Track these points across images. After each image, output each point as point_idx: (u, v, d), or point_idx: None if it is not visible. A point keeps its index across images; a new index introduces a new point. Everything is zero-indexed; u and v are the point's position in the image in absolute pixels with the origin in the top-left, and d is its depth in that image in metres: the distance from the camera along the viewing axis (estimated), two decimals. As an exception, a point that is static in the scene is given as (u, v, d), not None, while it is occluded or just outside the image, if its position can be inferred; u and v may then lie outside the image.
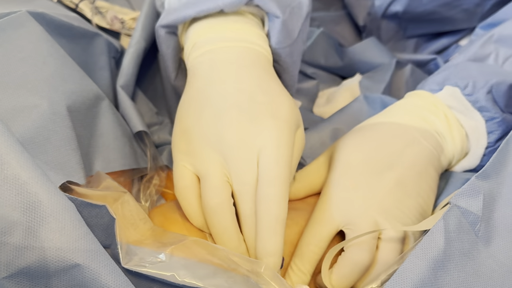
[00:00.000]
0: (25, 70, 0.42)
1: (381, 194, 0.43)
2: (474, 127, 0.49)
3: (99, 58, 0.54)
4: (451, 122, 0.49)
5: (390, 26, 0.73)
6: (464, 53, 0.56)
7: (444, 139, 0.48)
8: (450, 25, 0.71)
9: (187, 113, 0.44)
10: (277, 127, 0.41)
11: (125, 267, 0.35)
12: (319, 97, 0.68)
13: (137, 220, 0.40)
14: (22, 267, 0.32)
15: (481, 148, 0.49)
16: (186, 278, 0.34)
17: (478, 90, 0.49)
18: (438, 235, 0.35)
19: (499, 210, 0.38)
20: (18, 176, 0.33)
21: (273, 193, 0.38)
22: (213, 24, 0.47)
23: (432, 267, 0.34)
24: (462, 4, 0.68)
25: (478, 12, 0.68)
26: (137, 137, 0.52)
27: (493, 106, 0.48)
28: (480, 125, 0.49)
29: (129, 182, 0.50)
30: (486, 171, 0.39)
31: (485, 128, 0.48)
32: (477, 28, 0.64)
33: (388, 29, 0.73)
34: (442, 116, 0.49)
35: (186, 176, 0.43)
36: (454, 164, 0.50)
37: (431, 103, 0.50)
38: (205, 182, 0.41)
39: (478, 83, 0.49)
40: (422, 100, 0.51)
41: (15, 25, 0.44)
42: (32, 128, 0.38)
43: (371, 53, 0.69)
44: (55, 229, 0.32)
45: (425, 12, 0.69)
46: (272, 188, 0.39)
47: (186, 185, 0.42)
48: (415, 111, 0.49)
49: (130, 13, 0.70)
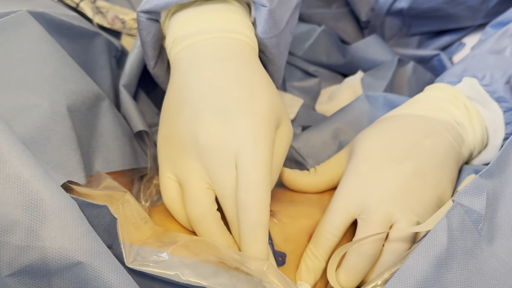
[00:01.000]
0: (25, 69, 0.42)
1: (398, 185, 0.43)
2: (492, 118, 0.49)
3: (100, 57, 0.54)
4: (471, 113, 0.49)
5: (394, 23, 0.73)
6: (480, 48, 0.56)
7: (465, 130, 0.48)
8: (454, 23, 0.71)
9: (167, 116, 0.42)
10: (254, 126, 0.39)
11: (129, 267, 0.34)
12: (321, 95, 0.68)
13: (138, 220, 0.40)
14: (24, 265, 0.32)
15: (499, 139, 0.49)
16: (190, 277, 0.34)
17: (496, 80, 0.49)
18: (441, 233, 0.35)
19: (502, 209, 0.38)
20: (19, 174, 0.32)
21: (251, 199, 0.37)
22: (195, 14, 0.45)
23: (435, 265, 0.34)
24: (467, 1, 0.68)
25: (483, 9, 0.68)
26: (138, 136, 0.52)
27: (511, 97, 0.48)
28: (498, 116, 0.48)
29: (129, 182, 0.50)
30: (490, 170, 0.39)
31: (503, 119, 0.48)
32: (488, 27, 0.64)
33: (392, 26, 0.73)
34: (462, 107, 0.49)
35: (171, 188, 0.42)
36: (475, 155, 0.50)
37: (451, 95, 0.50)
38: (186, 193, 0.40)
39: (496, 74, 0.49)
40: (442, 92, 0.51)
41: (15, 25, 0.44)
42: (33, 128, 0.38)
43: (373, 50, 0.69)
44: (57, 227, 0.32)
45: (430, 9, 0.69)
46: (250, 194, 0.37)
47: (171, 198, 0.42)
48: (436, 103, 0.49)
49: (131, 13, 0.70)
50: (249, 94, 0.41)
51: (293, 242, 0.45)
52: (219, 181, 0.39)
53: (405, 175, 0.44)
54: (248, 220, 0.37)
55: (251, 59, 0.44)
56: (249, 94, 0.41)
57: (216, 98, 0.40)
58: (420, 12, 0.70)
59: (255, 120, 0.39)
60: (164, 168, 0.42)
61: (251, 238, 0.38)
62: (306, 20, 0.75)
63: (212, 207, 0.40)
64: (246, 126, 0.39)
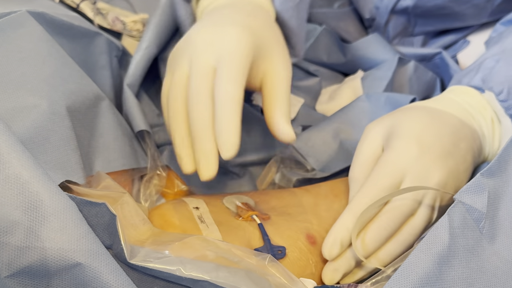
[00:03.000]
0: (24, 70, 0.42)
1: (440, 177, 0.44)
2: (503, 133, 0.49)
3: (100, 57, 0.54)
4: (495, 128, 0.50)
5: (399, 21, 0.72)
6: (500, 44, 0.55)
7: (485, 142, 0.50)
8: (459, 21, 0.70)
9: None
10: (238, 33, 0.45)
11: (130, 263, 0.34)
12: (321, 95, 0.68)
13: (136, 221, 0.40)
14: (23, 266, 0.32)
15: None
16: (192, 272, 0.34)
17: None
18: (443, 230, 0.35)
19: (504, 208, 0.38)
20: (19, 175, 0.33)
21: (226, 75, 0.42)
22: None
23: (437, 261, 0.34)
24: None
25: (488, 7, 0.68)
26: (139, 136, 0.52)
27: None
28: (509, 132, 0.48)
29: (130, 181, 0.50)
30: (491, 169, 0.39)
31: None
32: (498, 24, 0.64)
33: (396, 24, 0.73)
34: (489, 120, 0.50)
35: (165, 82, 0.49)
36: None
37: (481, 105, 0.50)
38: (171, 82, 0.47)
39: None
40: (472, 99, 0.51)
41: (15, 25, 0.44)
42: (32, 128, 0.38)
43: (374, 49, 0.69)
44: (56, 228, 0.32)
45: (435, 7, 0.68)
46: (227, 85, 0.42)
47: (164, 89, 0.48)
48: (468, 109, 0.50)
49: (131, 15, 0.70)
50: (248, 18, 0.47)
51: (290, 238, 0.45)
52: (195, 64, 0.44)
53: (448, 173, 0.44)
54: (225, 94, 0.42)
55: (266, 17, 0.50)
56: (248, 18, 0.47)
57: (219, 16, 0.47)
58: (426, 11, 0.70)
59: (243, 29, 0.45)
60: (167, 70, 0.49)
61: (226, 111, 0.41)
62: (307, 19, 0.75)
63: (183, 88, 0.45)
64: (232, 31, 0.45)
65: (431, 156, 0.44)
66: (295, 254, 0.44)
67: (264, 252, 0.42)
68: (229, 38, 0.45)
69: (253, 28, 0.47)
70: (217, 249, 0.37)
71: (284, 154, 0.56)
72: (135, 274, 0.36)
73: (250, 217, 0.46)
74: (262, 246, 0.43)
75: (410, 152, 0.44)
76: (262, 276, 0.35)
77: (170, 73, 0.48)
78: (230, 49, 0.44)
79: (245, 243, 0.43)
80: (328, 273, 0.42)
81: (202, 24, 0.48)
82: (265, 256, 0.37)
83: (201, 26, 0.48)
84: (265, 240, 0.43)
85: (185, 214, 0.45)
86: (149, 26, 0.60)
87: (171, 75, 0.47)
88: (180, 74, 0.46)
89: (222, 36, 0.45)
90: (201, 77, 0.43)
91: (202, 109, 0.43)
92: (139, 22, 0.69)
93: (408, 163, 0.44)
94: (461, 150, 0.46)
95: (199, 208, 0.46)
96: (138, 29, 0.69)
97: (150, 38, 0.58)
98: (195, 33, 0.47)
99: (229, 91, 0.42)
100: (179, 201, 0.47)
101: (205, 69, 0.44)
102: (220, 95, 0.42)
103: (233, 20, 0.47)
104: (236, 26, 0.46)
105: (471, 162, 0.47)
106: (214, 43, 0.45)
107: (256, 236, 0.44)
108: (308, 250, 0.44)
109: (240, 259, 0.36)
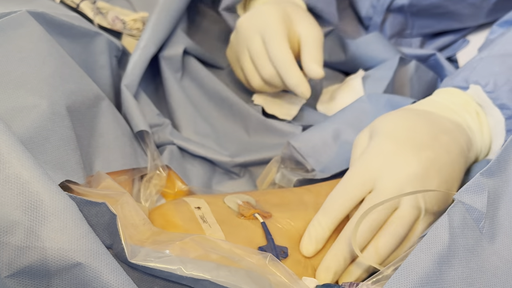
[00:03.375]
0: (24, 70, 0.42)
1: (417, 170, 0.44)
2: (494, 124, 0.50)
3: (100, 57, 0.54)
4: (481, 119, 0.50)
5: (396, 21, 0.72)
6: (489, 50, 0.56)
7: (474, 135, 0.50)
8: (456, 22, 0.70)
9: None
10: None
11: (130, 263, 0.34)
12: (322, 94, 0.68)
13: (136, 221, 0.40)
14: (23, 266, 0.32)
15: (498, 146, 0.49)
16: (193, 271, 0.34)
17: (499, 87, 0.49)
18: (443, 230, 0.35)
19: (504, 207, 0.38)
20: (19, 175, 0.32)
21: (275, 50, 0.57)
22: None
23: (437, 261, 0.34)
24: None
25: (484, 6, 0.68)
26: (138, 136, 0.52)
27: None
28: (500, 123, 0.49)
29: (130, 181, 0.50)
30: (491, 169, 0.39)
31: (504, 126, 0.49)
32: (494, 26, 0.64)
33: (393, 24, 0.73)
34: (474, 113, 0.50)
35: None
36: (480, 159, 0.51)
37: (464, 100, 0.51)
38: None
39: (500, 81, 0.49)
40: (454, 97, 0.52)
41: (15, 25, 0.44)
42: (31, 128, 0.38)
43: (375, 48, 0.69)
44: (56, 228, 0.32)
45: (431, 5, 0.68)
46: (275, 49, 0.57)
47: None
48: (450, 106, 0.51)
49: (131, 14, 0.70)
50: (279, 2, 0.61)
51: (292, 239, 0.45)
52: (250, 48, 0.59)
53: (425, 164, 0.45)
54: (280, 61, 0.56)
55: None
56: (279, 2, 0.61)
57: (258, 12, 0.60)
58: (421, 9, 0.70)
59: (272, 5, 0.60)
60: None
61: (287, 71, 0.56)
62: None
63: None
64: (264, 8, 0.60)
65: (406, 149, 0.45)
66: (297, 253, 0.44)
67: (268, 251, 0.42)
68: (263, 13, 0.59)
69: (280, 4, 0.60)
70: (218, 248, 0.37)
71: (284, 155, 0.56)
72: (135, 274, 0.36)
73: (252, 215, 0.46)
74: (265, 245, 0.43)
75: (384, 148, 0.46)
76: (263, 275, 0.35)
77: (235, 64, 0.63)
78: (268, 22, 0.58)
79: (248, 241, 0.43)
80: (321, 273, 0.43)
81: (244, 15, 0.62)
82: (266, 255, 0.37)
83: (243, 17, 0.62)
84: (268, 240, 0.43)
85: (187, 214, 0.45)
86: (148, 24, 0.60)
87: (237, 65, 0.63)
88: (247, 60, 0.60)
89: (258, 15, 0.60)
90: (257, 55, 0.58)
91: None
92: (139, 21, 0.69)
93: (383, 159, 0.45)
94: (442, 142, 0.46)
95: (200, 208, 0.46)
96: (138, 28, 0.69)
97: (148, 37, 0.58)
98: (239, 23, 0.61)
99: (279, 53, 0.57)
100: (180, 201, 0.47)
101: (258, 47, 0.58)
102: (275, 59, 0.57)
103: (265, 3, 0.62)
104: (267, 4, 0.60)
105: (458, 154, 0.47)
106: (255, 23, 0.59)
107: (259, 234, 0.44)
108: None
109: (241, 258, 0.36)
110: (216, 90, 0.61)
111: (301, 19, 0.60)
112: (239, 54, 0.61)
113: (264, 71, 0.58)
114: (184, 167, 0.54)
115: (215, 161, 0.56)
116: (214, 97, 0.61)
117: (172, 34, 0.62)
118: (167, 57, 0.60)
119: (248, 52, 0.60)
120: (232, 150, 0.57)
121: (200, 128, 0.58)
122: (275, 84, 0.59)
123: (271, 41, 0.57)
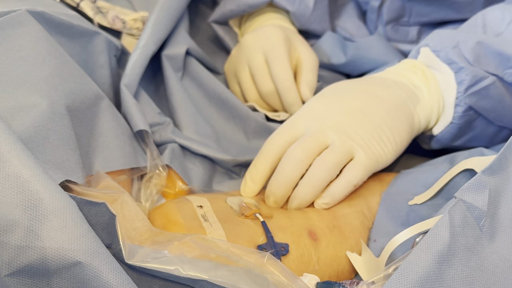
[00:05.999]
0: (24, 69, 0.41)
1: (341, 115, 0.50)
2: (445, 79, 0.53)
3: (99, 56, 0.54)
4: (428, 76, 0.54)
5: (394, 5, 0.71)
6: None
7: (420, 91, 0.54)
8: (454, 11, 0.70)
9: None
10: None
11: (128, 263, 0.34)
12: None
13: (135, 221, 0.40)
14: (23, 265, 0.32)
15: (452, 98, 0.53)
16: (191, 271, 0.34)
17: (445, 46, 0.53)
18: (443, 229, 0.35)
19: (504, 206, 0.38)
20: (19, 174, 0.32)
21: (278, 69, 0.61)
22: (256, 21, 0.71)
23: (437, 260, 0.34)
24: None
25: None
26: (138, 136, 0.52)
27: (459, 58, 0.52)
28: (450, 77, 0.53)
29: (129, 181, 0.50)
30: (492, 167, 0.39)
31: (454, 80, 0.53)
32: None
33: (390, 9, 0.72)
34: (420, 72, 0.55)
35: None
36: (435, 119, 0.55)
37: (411, 65, 0.56)
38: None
39: (446, 41, 0.54)
40: (404, 64, 0.57)
41: (14, 24, 0.44)
42: (31, 127, 0.38)
43: (376, 50, 0.68)
44: (56, 227, 0.32)
45: None
46: (277, 67, 0.61)
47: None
48: (395, 70, 0.56)
49: (131, 13, 0.70)
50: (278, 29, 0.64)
51: (292, 235, 0.45)
52: (252, 64, 0.62)
53: (350, 109, 0.51)
54: (281, 80, 0.60)
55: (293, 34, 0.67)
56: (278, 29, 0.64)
57: (264, 31, 0.64)
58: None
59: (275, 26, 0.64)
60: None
61: (287, 89, 0.60)
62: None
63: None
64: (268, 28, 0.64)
65: (332, 101, 0.52)
66: (298, 251, 0.44)
67: (268, 249, 0.42)
68: (269, 34, 0.63)
69: (281, 26, 0.65)
70: (216, 248, 0.37)
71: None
72: (135, 273, 0.36)
73: (254, 215, 0.46)
74: (265, 243, 0.43)
75: (313, 103, 0.52)
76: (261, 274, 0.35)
77: (232, 78, 0.67)
78: (273, 43, 0.62)
79: (249, 240, 0.43)
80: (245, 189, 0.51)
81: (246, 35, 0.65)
82: (264, 254, 0.37)
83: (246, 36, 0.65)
84: (268, 238, 0.44)
85: (189, 212, 0.45)
86: (148, 24, 0.59)
87: (234, 79, 0.66)
88: (246, 75, 0.64)
89: (263, 35, 0.63)
90: (259, 71, 0.62)
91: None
92: (139, 20, 0.69)
93: (307, 112, 0.51)
94: (377, 95, 0.52)
95: (202, 206, 0.46)
96: (138, 27, 0.69)
97: (148, 36, 0.58)
98: (244, 40, 0.65)
99: (282, 73, 0.60)
100: (182, 200, 0.47)
101: (261, 64, 0.62)
102: (277, 77, 0.61)
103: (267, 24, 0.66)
104: (271, 25, 0.64)
105: (397, 105, 0.52)
106: (260, 42, 0.63)
107: (260, 233, 0.44)
108: (311, 246, 0.45)
109: (239, 258, 0.36)
110: (217, 92, 0.61)
111: (299, 43, 0.65)
112: (238, 68, 0.64)
113: (264, 87, 0.61)
114: (185, 166, 0.54)
115: (216, 160, 0.55)
116: (215, 99, 0.61)
117: (176, 34, 0.62)
118: (169, 56, 0.60)
119: (249, 67, 0.63)
120: (232, 152, 0.57)
121: (201, 128, 0.58)
122: (270, 101, 0.63)
123: (276, 60, 0.61)
